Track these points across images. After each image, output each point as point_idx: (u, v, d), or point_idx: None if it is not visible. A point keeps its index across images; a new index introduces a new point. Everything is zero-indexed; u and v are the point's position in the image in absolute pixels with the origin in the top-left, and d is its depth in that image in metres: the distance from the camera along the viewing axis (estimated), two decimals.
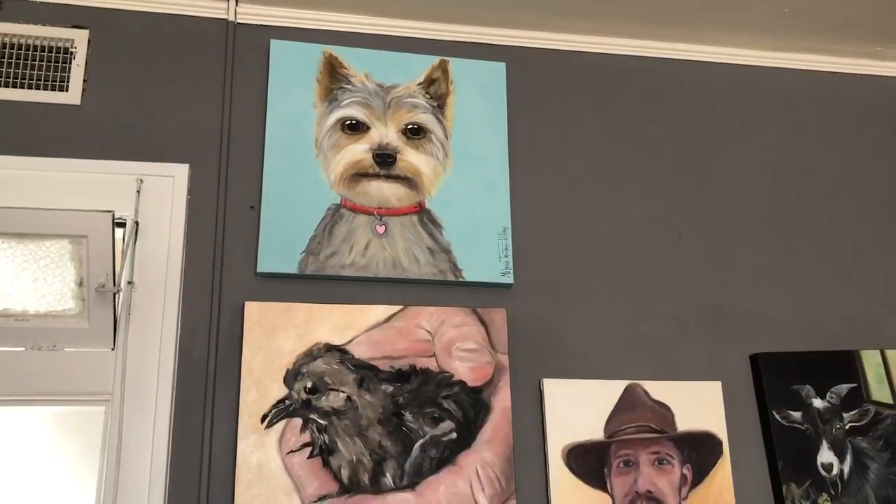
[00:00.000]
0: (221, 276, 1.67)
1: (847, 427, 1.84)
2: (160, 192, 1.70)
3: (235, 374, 1.61)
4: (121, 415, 1.54)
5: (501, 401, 1.71)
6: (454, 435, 1.66)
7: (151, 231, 1.67)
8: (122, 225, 1.66)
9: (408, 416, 1.66)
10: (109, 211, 1.52)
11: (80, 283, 1.55)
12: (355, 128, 1.81)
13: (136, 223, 1.65)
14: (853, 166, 2.13)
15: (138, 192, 1.67)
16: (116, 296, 1.56)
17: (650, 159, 2.01)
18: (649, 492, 1.71)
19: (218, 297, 1.66)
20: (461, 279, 1.77)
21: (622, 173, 1.98)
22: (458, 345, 1.72)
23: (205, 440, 1.56)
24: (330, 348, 1.66)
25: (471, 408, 1.69)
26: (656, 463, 1.73)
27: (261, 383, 1.61)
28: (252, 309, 1.64)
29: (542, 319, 1.81)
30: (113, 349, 1.58)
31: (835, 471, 1.80)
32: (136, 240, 1.64)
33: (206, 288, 1.66)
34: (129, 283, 1.61)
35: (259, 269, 1.68)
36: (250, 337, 1.63)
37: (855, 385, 1.88)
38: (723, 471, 1.76)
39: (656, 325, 1.87)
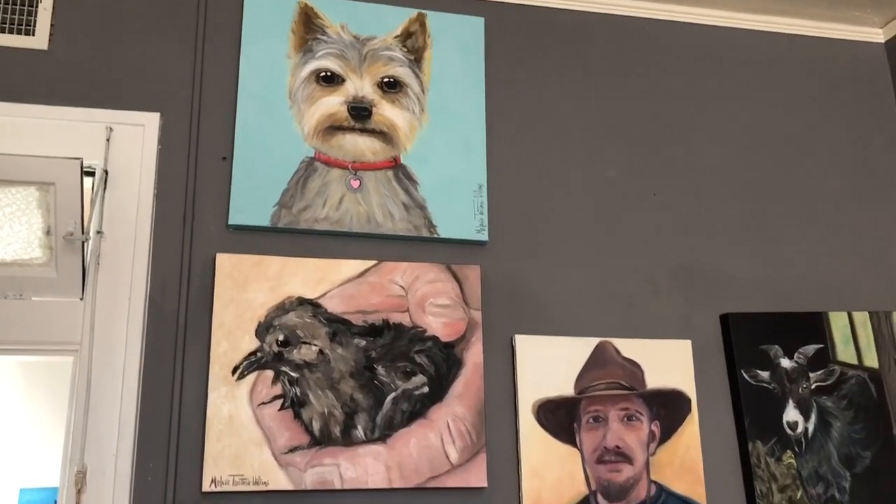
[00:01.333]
0: (192, 228, 1.65)
1: (813, 386, 1.87)
2: (130, 141, 1.67)
3: (206, 326, 1.60)
4: (89, 365, 1.53)
5: (473, 356, 1.71)
6: (426, 389, 1.67)
7: (121, 181, 1.64)
8: (91, 174, 1.63)
9: (380, 369, 1.66)
10: (78, 158, 1.49)
11: (48, 232, 1.53)
12: (330, 80, 1.78)
13: (106, 172, 1.62)
14: (827, 131, 2.14)
15: (108, 140, 1.64)
16: (85, 245, 1.54)
17: (627, 120, 2.00)
18: (618, 447, 1.73)
19: (189, 248, 1.64)
20: (436, 236, 1.77)
21: (599, 133, 1.97)
22: (432, 300, 1.72)
23: (175, 391, 1.56)
24: (302, 302, 1.65)
25: (443, 362, 1.69)
26: (625, 419, 1.75)
27: (232, 335, 1.60)
28: (223, 261, 1.63)
29: (515, 277, 1.82)
30: (81, 299, 1.56)
31: (800, 429, 1.84)
32: (105, 189, 1.61)
33: (177, 239, 1.64)
34: (98, 232, 1.58)
35: (231, 222, 1.66)
36: (221, 289, 1.62)
37: (822, 346, 1.91)
38: (690, 428, 1.78)
39: (628, 283, 1.88)
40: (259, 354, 1.60)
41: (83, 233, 1.51)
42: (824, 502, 1.80)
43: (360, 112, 1.78)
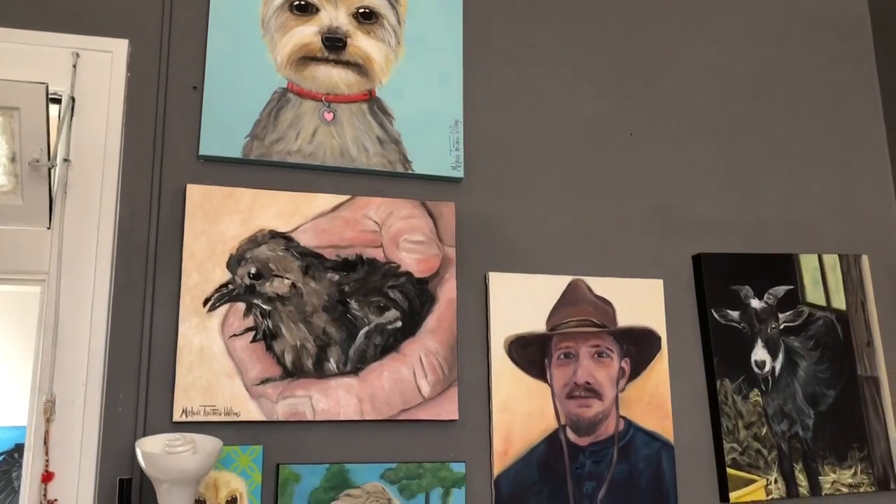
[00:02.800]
0: (162, 158, 1.63)
1: (782, 327, 1.90)
2: (98, 68, 1.62)
3: (177, 257, 1.59)
4: (57, 295, 1.51)
5: (447, 292, 1.71)
6: (399, 323, 1.67)
7: (88, 108, 1.60)
8: (58, 101, 1.59)
9: (353, 304, 1.66)
10: (43, 83, 1.45)
11: (13, 159, 1.49)
12: (304, 9, 1.74)
13: (73, 99, 1.58)
14: (803, 74, 2.13)
15: (74, 66, 1.59)
16: (52, 172, 1.51)
17: (605, 58, 1.98)
18: (588, 383, 1.75)
19: (159, 178, 1.61)
20: (410, 171, 1.75)
21: (577, 71, 1.95)
22: (406, 236, 1.71)
23: (145, 322, 1.55)
24: (275, 235, 1.64)
25: (416, 298, 1.70)
26: (596, 356, 1.77)
27: (203, 267, 1.58)
28: (194, 192, 1.61)
29: (490, 214, 1.81)
30: (49, 228, 1.54)
31: (767, 368, 1.87)
32: (72, 116, 1.58)
33: (147, 169, 1.61)
34: (65, 160, 1.55)
35: (201, 152, 1.63)
36: (192, 221, 1.60)
37: (792, 287, 1.93)
38: (660, 365, 1.81)
39: (602, 222, 1.88)
40: (231, 287, 1.59)
41: (49, 159, 1.48)
42: (788, 439, 1.84)
43: (334, 43, 1.74)
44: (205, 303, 1.57)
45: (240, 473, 1.52)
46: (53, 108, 1.60)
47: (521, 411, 1.71)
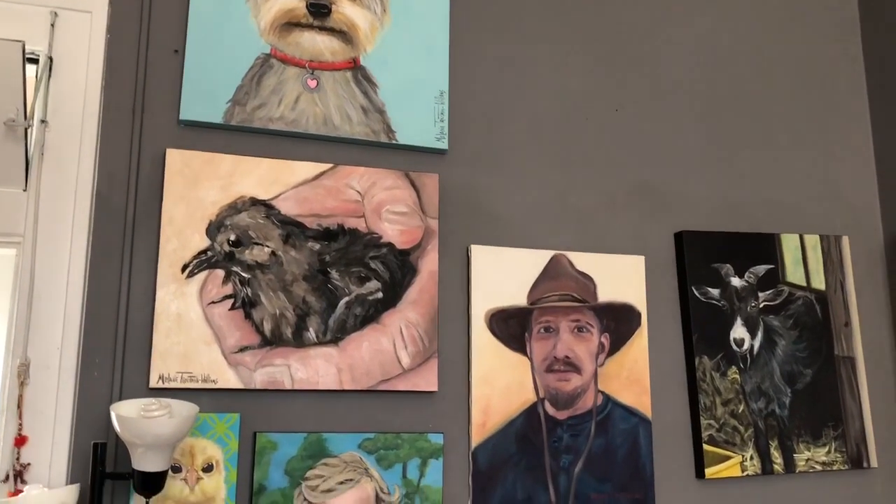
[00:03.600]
0: (142, 122, 1.60)
1: (761, 305, 1.91)
2: (77, 29, 1.59)
3: (155, 222, 1.57)
4: (33, 258, 1.49)
5: (429, 264, 1.71)
6: (380, 294, 1.66)
7: (67, 70, 1.57)
8: (35, 61, 1.56)
9: (334, 274, 1.65)
10: (20, 41, 1.42)
11: None
12: None
13: (50, 59, 1.55)
14: (790, 55, 2.13)
15: (52, 25, 1.56)
16: (28, 133, 1.48)
17: (594, 32, 1.97)
18: (567, 357, 1.76)
19: (138, 142, 1.59)
20: (394, 141, 1.73)
21: (564, 45, 1.94)
22: (388, 207, 1.70)
23: (122, 287, 1.53)
24: (255, 202, 1.62)
25: (398, 269, 1.69)
26: (576, 330, 1.77)
27: (182, 233, 1.56)
28: (174, 157, 1.58)
29: (473, 187, 1.80)
30: (24, 190, 1.51)
31: (745, 346, 1.88)
32: (49, 77, 1.55)
33: (126, 133, 1.59)
34: (42, 121, 1.52)
35: (182, 117, 1.61)
36: (171, 186, 1.57)
37: (772, 266, 1.94)
38: (639, 341, 1.81)
39: (586, 197, 1.88)
40: (210, 253, 1.57)
41: (25, 119, 1.45)
42: (765, 416, 1.86)
43: (318, 9, 1.72)
44: (183, 269, 1.55)
45: (216, 441, 1.52)
46: (30, 69, 1.57)
47: (501, 384, 1.71)
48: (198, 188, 1.59)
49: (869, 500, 1.91)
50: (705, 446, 1.79)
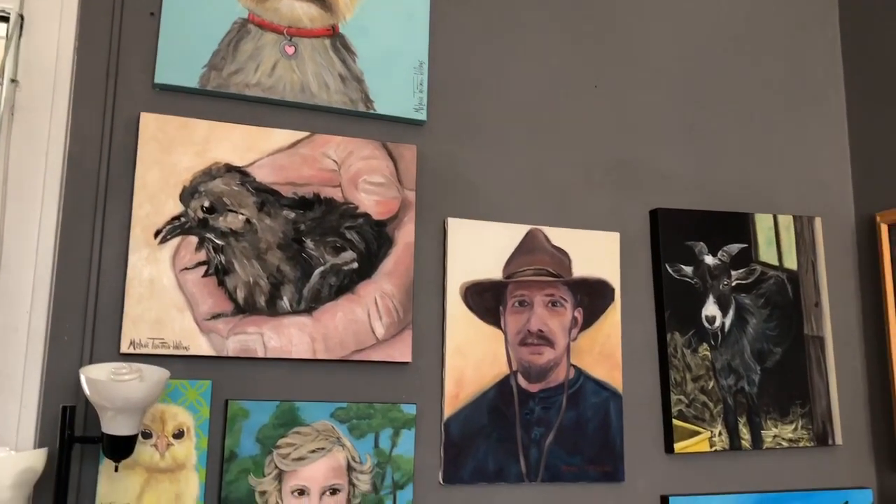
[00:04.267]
0: (116, 85, 1.58)
1: (733, 284, 1.93)
2: None
3: (128, 187, 1.55)
4: (2, 221, 1.46)
5: (405, 236, 1.70)
6: (355, 265, 1.66)
7: (39, 29, 1.54)
8: (6, 19, 1.53)
9: (309, 243, 1.64)
10: None
11: None
12: None
13: (21, 17, 1.52)
14: (768, 36, 2.14)
15: None
16: None
17: (573, 9, 1.96)
18: (541, 331, 1.77)
19: (112, 105, 1.57)
20: (372, 111, 1.72)
21: (546, 20, 1.93)
22: (365, 177, 1.69)
23: (94, 251, 1.51)
24: (230, 169, 1.61)
25: (374, 240, 1.68)
26: (550, 304, 1.78)
27: (155, 198, 1.55)
28: (148, 121, 1.56)
29: (451, 159, 1.80)
30: None
31: (717, 323, 1.90)
32: (20, 35, 1.52)
33: (99, 95, 1.56)
34: (13, 80, 1.50)
35: (157, 81, 1.59)
36: (145, 150, 1.56)
37: (745, 245, 1.96)
38: (612, 316, 1.83)
39: (563, 173, 1.88)
40: (183, 219, 1.56)
41: None
42: (734, 393, 1.88)
43: None
44: (156, 234, 1.54)
45: (188, 407, 1.51)
46: (1, 27, 1.54)
47: (475, 356, 1.71)
48: (172, 153, 1.57)
49: (833, 476, 1.95)
50: (675, 421, 1.81)
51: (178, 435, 1.50)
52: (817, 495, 1.91)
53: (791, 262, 1.99)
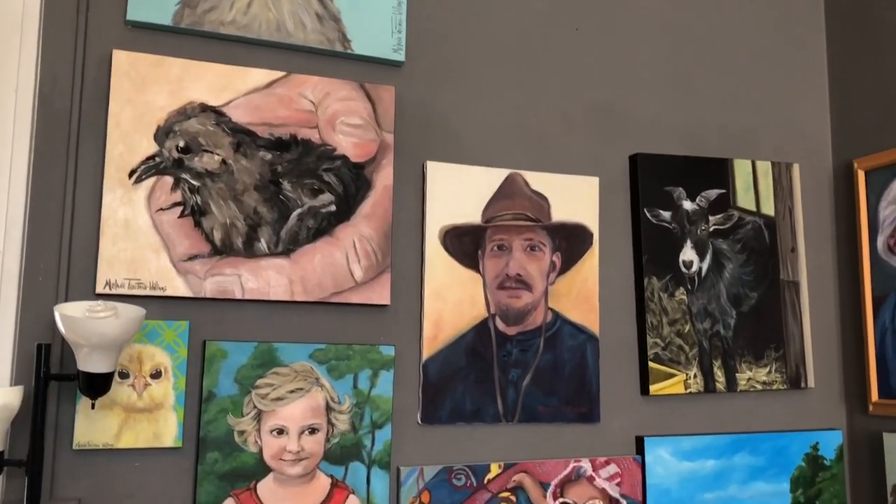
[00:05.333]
0: (87, 21, 1.54)
1: (711, 229, 1.94)
2: None
3: (101, 126, 1.52)
4: None
5: (383, 179, 1.69)
6: (333, 207, 1.65)
7: None
8: None
9: (286, 185, 1.63)
10: None
11: None
12: None
13: None
14: None
15: None
16: None
17: None
18: (519, 275, 1.77)
19: (83, 42, 1.53)
20: (350, 51, 1.70)
21: None
22: (343, 119, 1.68)
23: (67, 191, 1.49)
24: (205, 108, 1.58)
25: (352, 183, 1.67)
26: (528, 249, 1.79)
27: (129, 138, 1.53)
28: (120, 58, 1.53)
29: (430, 101, 1.78)
30: None
31: (694, 268, 1.91)
32: None
33: (70, 32, 1.53)
34: None
35: (129, 17, 1.55)
36: (118, 88, 1.53)
37: (724, 191, 1.97)
38: (590, 261, 1.83)
39: (543, 117, 1.87)
40: (158, 159, 1.54)
41: None
42: (710, 337, 1.90)
43: None
44: (130, 174, 1.52)
45: (165, 348, 1.51)
46: None
47: (453, 299, 1.72)
48: (145, 92, 1.54)
49: (805, 418, 1.99)
50: (650, 364, 1.84)
51: (156, 375, 1.50)
52: (789, 436, 1.94)
53: (768, 208, 2.00)
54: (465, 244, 1.75)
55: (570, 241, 1.82)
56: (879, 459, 1.89)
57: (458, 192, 1.75)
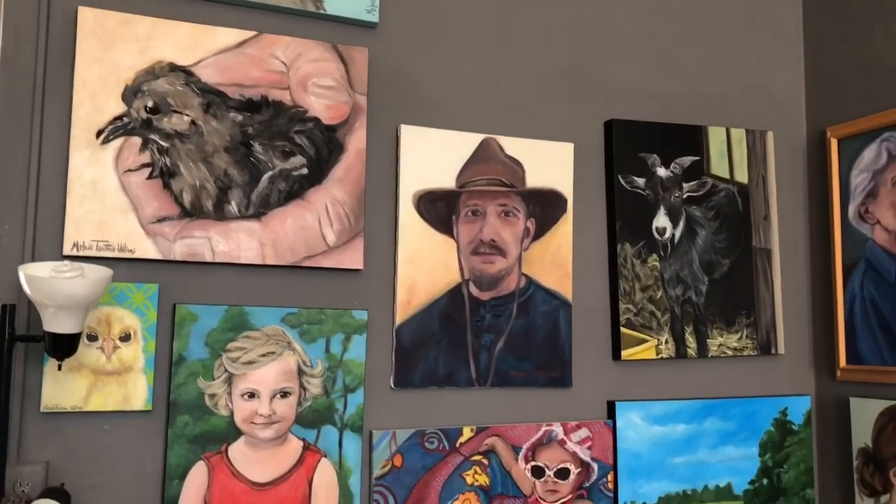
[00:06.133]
0: None
1: (685, 196, 1.95)
2: None
3: (67, 85, 1.49)
4: None
5: (356, 142, 1.68)
6: (305, 170, 1.63)
7: None
8: None
9: (257, 147, 1.61)
10: None
11: None
12: None
13: None
14: None
15: None
16: None
17: None
18: (493, 241, 1.77)
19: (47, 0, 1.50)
20: (322, 11, 1.67)
21: None
22: (315, 80, 1.65)
23: (32, 151, 1.46)
24: (174, 68, 1.55)
25: (324, 145, 1.65)
26: (502, 214, 1.78)
27: (96, 97, 1.50)
28: (86, 15, 1.50)
29: (404, 64, 1.76)
30: None
31: (667, 234, 1.92)
32: None
33: None
34: None
35: None
36: (84, 47, 1.50)
37: (698, 158, 1.97)
38: (564, 227, 1.83)
39: (518, 82, 1.85)
40: (126, 119, 1.51)
41: None
42: (682, 303, 1.92)
43: None
44: (98, 135, 1.49)
45: (134, 311, 1.49)
46: None
47: (426, 264, 1.72)
48: (113, 50, 1.51)
49: (775, 383, 2.01)
50: (622, 329, 1.85)
51: (125, 338, 1.48)
52: (758, 402, 1.97)
53: (742, 176, 2.01)
54: (439, 209, 1.74)
55: (545, 206, 1.82)
56: (846, 424, 1.92)
57: (433, 157, 1.74)
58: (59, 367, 1.37)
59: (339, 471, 1.60)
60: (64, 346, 1.29)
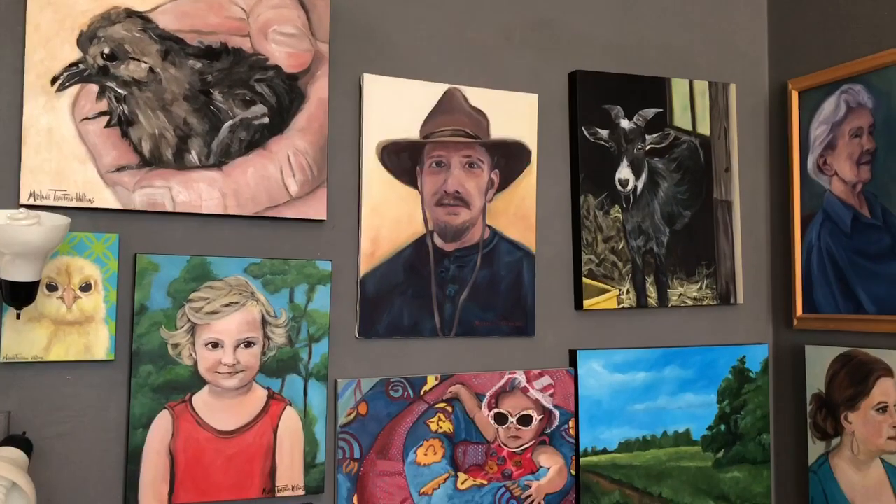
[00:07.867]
0: None
1: (647, 148, 1.96)
2: None
3: (20, 30, 1.45)
4: None
5: (318, 91, 1.66)
6: (266, 120, 1.62)
7: None
8: None
9: (217, 95, 1.59)
10: None
11: None
12: None
13: None
14: None
15: None
16: None
17: None
18: (457, 192, 1.77)
19: None
20: None
21: None
22: (276, 27, 1.63)
23: None
24: (131, 14, 1.52)
25: (285, 94, 1.64)
26: (467, 166, 1.79)
27: (50, 43, 1.46)
28: None
29: (367, 12, 1.74)
30: None
31: (629, 186, 1.94)
32: None
33: None
34: None
35: None
36: None
37: (661, 110, 1.98)
38: (528, 179, 1.84)
39: (483, 32, 1.84)
40: (81, 66, 1.48)
41: None
42: (643, 254, 1.94)
43: None
44: (53, 81, 1.46)
45: (94, 261, 1.48)
46: None
47: (391, 216, 1.72)
48: None
49: (733, 333, 2.06)
50: (584, 279, 1.87)
51: (86, 288, 1.47)
52: (717, 350, 2.02)
53: (704, 128, 2.03)
54: (403, 160, 1.74)
55: (509, 158, 1.82)
56: (801, 371, 1.98)
57: (396, 107, 1.73)
58: (18, 317, 1.36)
59: (304, 419, 1.62)
60: (21, 295, 1.28)
